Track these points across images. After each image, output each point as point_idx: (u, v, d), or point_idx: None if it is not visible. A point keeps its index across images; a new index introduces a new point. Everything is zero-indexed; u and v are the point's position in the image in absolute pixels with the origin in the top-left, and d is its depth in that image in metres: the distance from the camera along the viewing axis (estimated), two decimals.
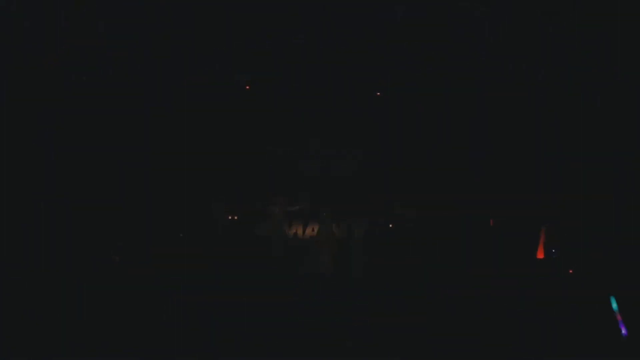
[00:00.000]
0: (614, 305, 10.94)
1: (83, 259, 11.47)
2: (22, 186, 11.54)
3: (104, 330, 10.87)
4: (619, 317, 10.86)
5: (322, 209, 12.00)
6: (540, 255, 11.59)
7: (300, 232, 11.96)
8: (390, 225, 11.91)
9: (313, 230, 11.95)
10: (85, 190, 11.70)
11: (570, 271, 11.38)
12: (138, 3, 11.91)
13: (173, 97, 12.04)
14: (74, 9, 11.85)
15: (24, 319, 10.89)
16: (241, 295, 11.21)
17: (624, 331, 10.78)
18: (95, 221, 11.65)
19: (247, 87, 12.05)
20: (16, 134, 11.62)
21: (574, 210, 11.52)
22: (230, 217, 11.94)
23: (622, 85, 11.66)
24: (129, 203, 11.79)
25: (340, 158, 12.21)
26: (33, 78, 11.76)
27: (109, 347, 10.68)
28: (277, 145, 12.23)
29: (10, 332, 10.72)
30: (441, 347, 10.75)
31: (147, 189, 11.85)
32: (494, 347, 10.77)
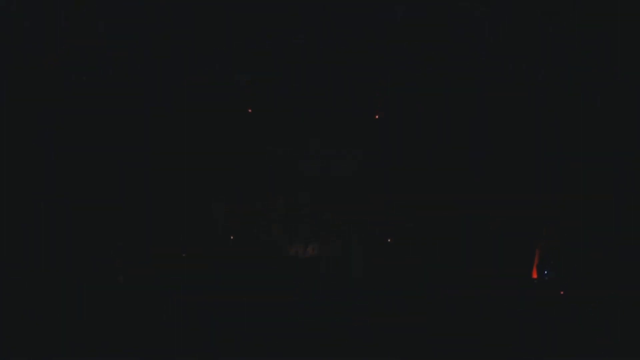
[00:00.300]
0: None
1: (83, 259, 11.47)
2: (22, 186, 11.53)
3: (104, 330, 10.87)
4: None
5: (321, 222, 12.00)
6: (535, 275, 11.59)
7: (301, 251, 11.96)
8: (389, 240, 11.90)
9: (313, 250, 11.94)
10: (85, 190, 11.70)
11: (562, 292, 11.36)
12: (138, 3, 11.90)
13: (173, 97, 12.04)
14: (74, 9, 11.84)
15: (24, 319, 10.88)
16: (241, 295, 11.23)
17: None
18: (95, 221, 11.65)
19: (250, 110, 12.05)
20: (16, 134, 11.61)
21: (574, 210, 11.52)
22: (231, 238, 11.95)
23: (622, 85, 11.65)
24: (129, 203, 11.79)
25: (340, 158, 12.21)
26: (33, 78, 11.76)
27: (109, 347, 10.68)
28: (277, 145, 12.23)
29: (10, 332, 10.72)
30: (441, 347, 10.75)
31: (147, 189, 11.86)
32: (494, 347, 10.77)
